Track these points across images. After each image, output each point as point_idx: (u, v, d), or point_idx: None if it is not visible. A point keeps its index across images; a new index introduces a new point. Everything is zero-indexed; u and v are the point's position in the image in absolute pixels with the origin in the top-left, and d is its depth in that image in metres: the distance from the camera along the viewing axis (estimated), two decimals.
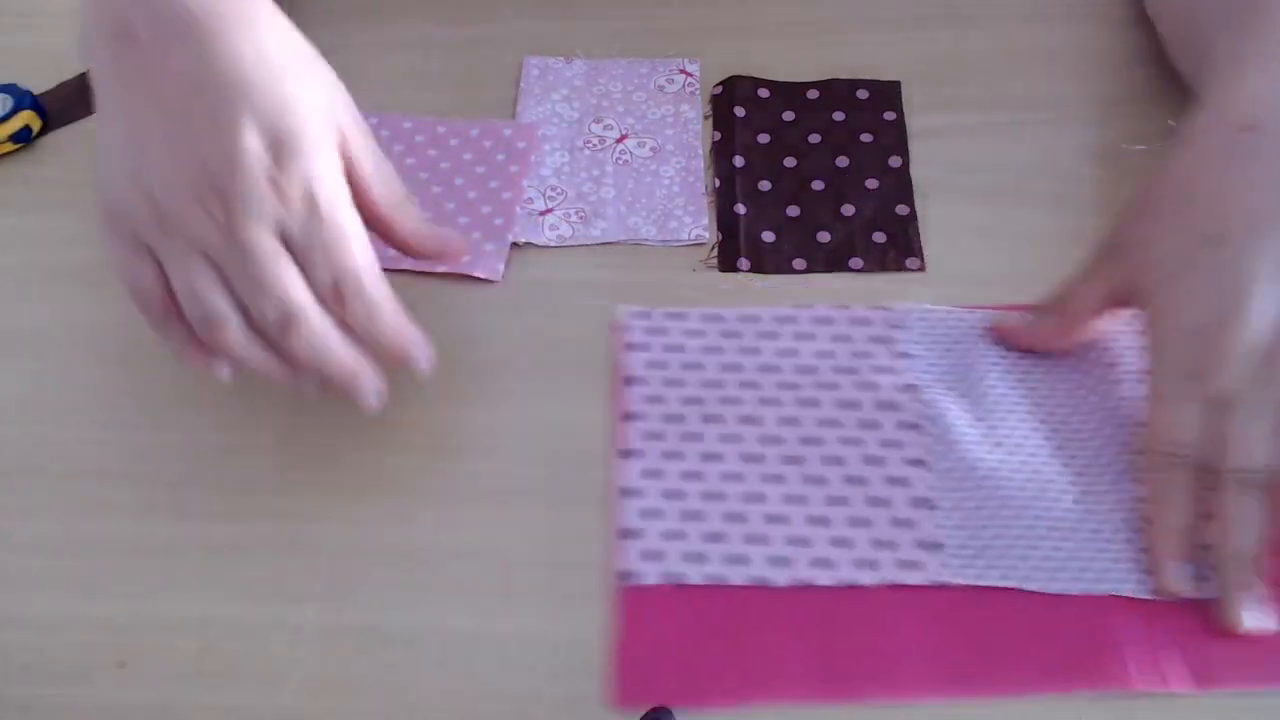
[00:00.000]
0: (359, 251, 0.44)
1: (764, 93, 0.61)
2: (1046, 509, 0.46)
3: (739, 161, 0.58)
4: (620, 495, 0.47)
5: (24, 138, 0.60)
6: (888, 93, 0.60)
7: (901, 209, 0.56)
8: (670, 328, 0.52)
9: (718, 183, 0.57)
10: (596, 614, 0.45)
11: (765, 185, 0.57)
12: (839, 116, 0.59)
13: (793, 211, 0.56)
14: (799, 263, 0.55)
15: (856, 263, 0.54)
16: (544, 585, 0.46)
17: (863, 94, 0.60)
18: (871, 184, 0.57)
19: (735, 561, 0.46)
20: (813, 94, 0.60)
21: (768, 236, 0.55)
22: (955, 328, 0.52)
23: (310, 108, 0.43)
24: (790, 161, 0.58)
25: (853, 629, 0.44)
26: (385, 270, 0.54)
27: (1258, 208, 0.44)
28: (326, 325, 0.44)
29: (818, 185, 0.57)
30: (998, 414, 0.49)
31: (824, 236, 0.55)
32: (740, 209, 0.56)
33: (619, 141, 0.59)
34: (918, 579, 0.45)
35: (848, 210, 0.56)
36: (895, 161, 0.58)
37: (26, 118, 0.60)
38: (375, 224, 0.47)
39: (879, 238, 0.55)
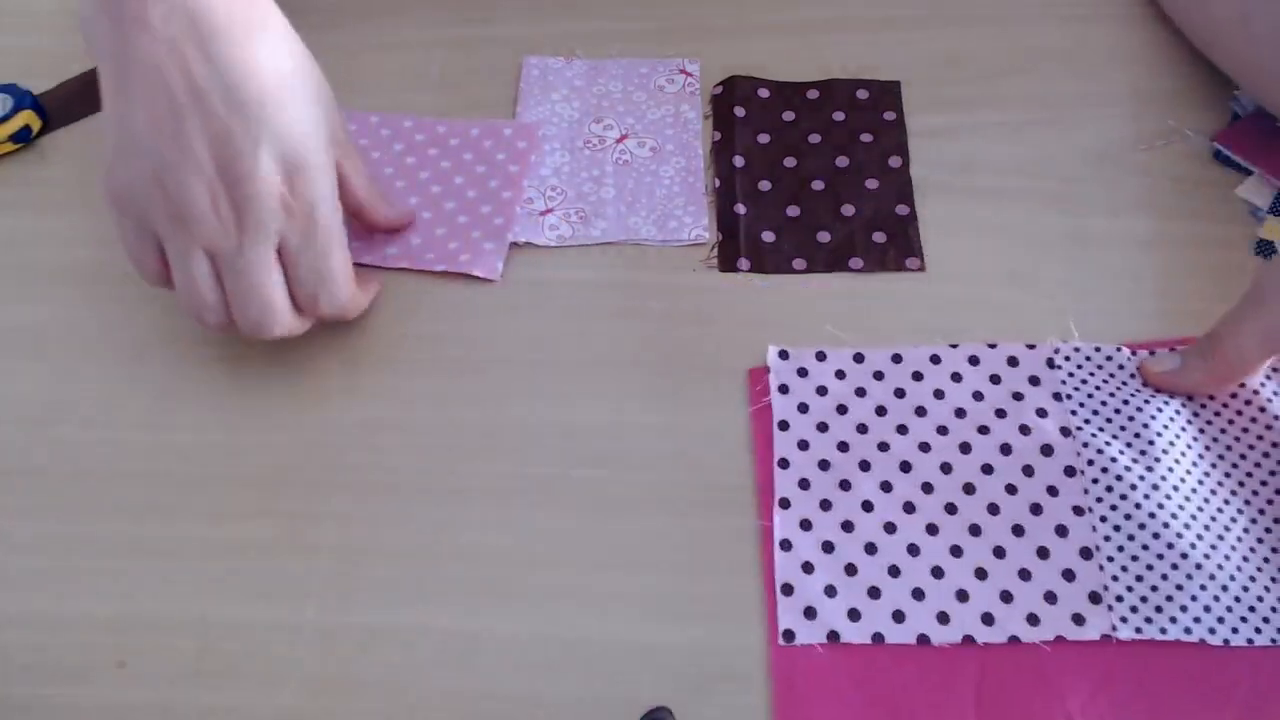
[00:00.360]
0: (340, 251, 0.48)
1: (764, 93, 0.61)
2: (1218, 555, 0.44)
3: (739, 161, 0.58)
4: (777, 549, 0.46)
5: (24, 138, 0.60)
6: (888, 93, 0.60)
7: (901, 209, 0.56)
8: (815, 368, 0.50)
9: (718, 183, 0.57)
10: (596, 614, 0.45)
11: (765, 185, 0.57)
12: (839, 116, 0.59)
13: (793, 211, 0.56)
14: (799, 263, 0.55)
15: (856, 263, 0.54)
16: (544, 585, 0.46)
17: (863, 94, 0.60)
18: (871, 184, 0.57)
19: (895, 619, 0.44)
20: (813, 94, 0.60)
21: (768, 236, 0.55)
22: (1106, 365, 0.50)
23: (316, 129, 0.47)
24: (790, 161, 0.58)
25: (1019, 691, 0.42)
26: (386, 269, 0.54)
27: None
28: (293, 325, 0.48)
29: (818, 185, 0.57)
30: (1161, 457, 0.46)
31: (824, 236, 0.55)
32: (740, 209, 0.56)
33: (619, 141, 0.59)
34: (1084, 634, 0.43)
35: (848, 210, 0.56)
36: (895, 161, 0.58)
37: (26, 118, 0.60)
38: (354, 215, 0.52)
39: (879, 238, 0.55)
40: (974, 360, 0.50)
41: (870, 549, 0.46)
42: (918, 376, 0.50)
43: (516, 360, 0.52)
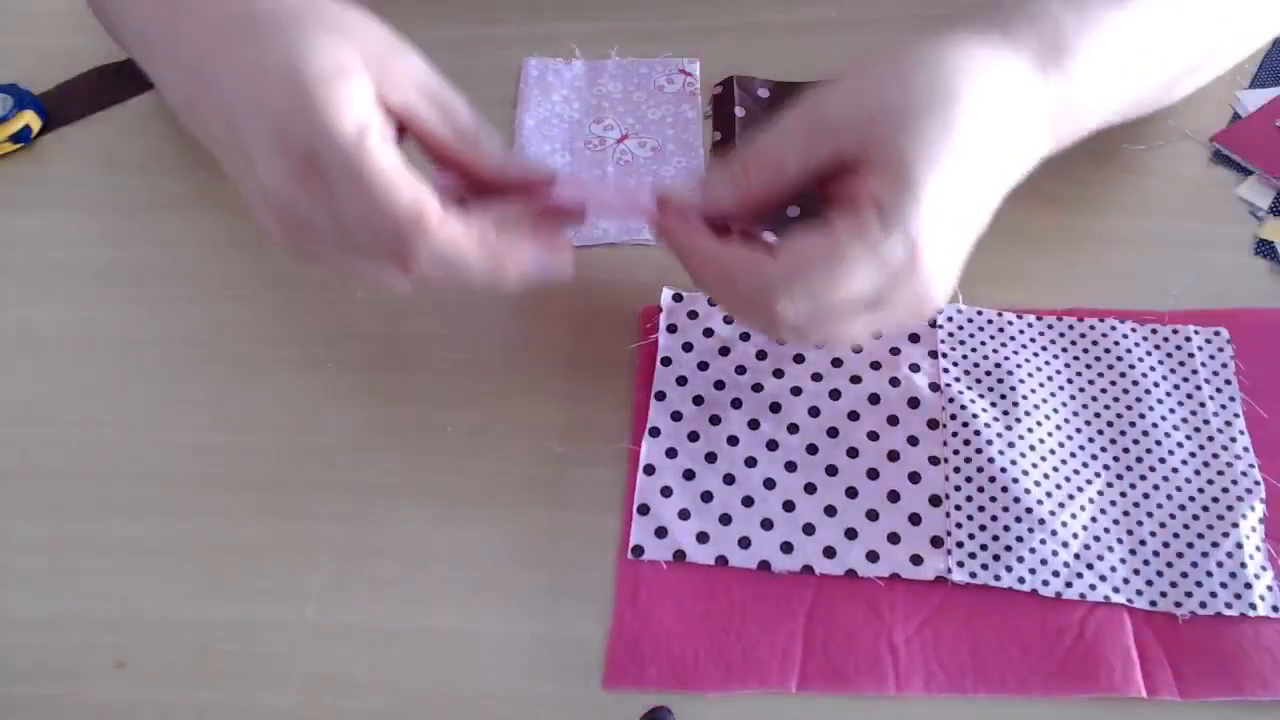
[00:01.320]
0: (399, 203, 0.40)
1: (764, 93, 0.61)
2: (1064, 514, 0.46)
3: None
4: (641, 472, 0.48)
5: (24, 138, 0.60)
6: None
7: None
8: (706, 312, 0.52)
9: None
10: (596, 613, 0.45)
11: None
12: None
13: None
14: None
15: None
16: (544, 585, 0.46)
17: None
18: None
19: (741, 545, 0.46)
20: None
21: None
22: (986, 329, 0.52)
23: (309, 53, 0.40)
24: None
25: (849, 620, 0.44)
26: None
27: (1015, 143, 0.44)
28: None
29: None
30: (1022, 417, 0.48)
31: None
32: None
33: (619, 142, 0.59)
34: (919, 574, 0.45)
35: None
36: None
37: (26, 118, 0.60)
38: (448, 165, 0.44)
39: None
40: None
41: (729, 479, 0.48)
42: None
43: (517, 360, 0.52)
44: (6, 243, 0.57)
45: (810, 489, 0.47)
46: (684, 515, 0.47)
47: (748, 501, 0.47)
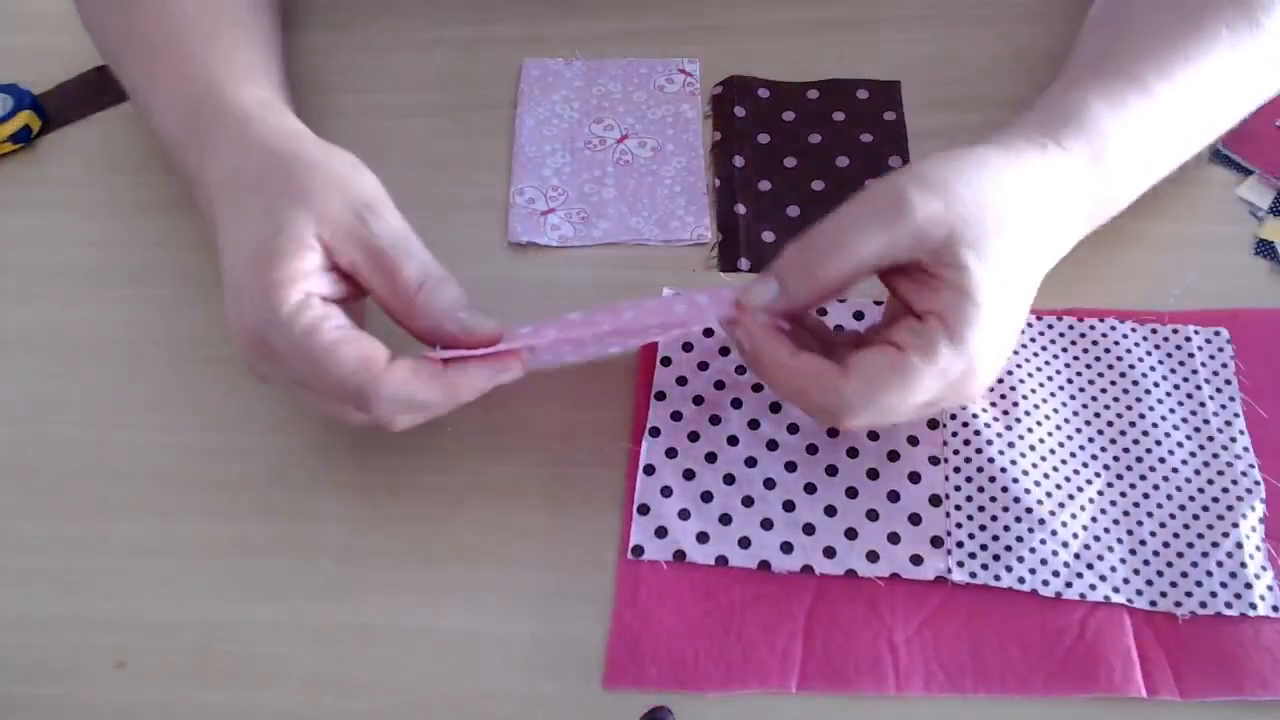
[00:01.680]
0: (345, 366, 0.42)
1: (764, 93, 0.61)
2: (1064, 514, 0.46)
3: (739, 161, 0.58)
4: (641, 472, 0.48)
5: (24, 138, 0.60)
6: (888, 93, 0.60)
7: None
8: None
9: (718, 183, 0.57)
10: (596, 613, 0.45)
11: (765, 185, 0.57)
12: (839, 116, 0.59)
13: (793, 211, 0.56)
14: None
15: None
16: (544, 585, 0.46)
17: (863, 94, 0.60)
18: (872, 184, 0.57)
19: (741, 544, 0.46)
20: (813, 94, 0.60)
21: (768, 236, 0.55)
22: None
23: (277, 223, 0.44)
24: (790, 161, 0.58)
25: (849, 620, 0.44)
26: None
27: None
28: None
29: (818, 185, 0.57)
30: (1022, 417, 0.48)
31: None
32: (740, 209, 0.56)
33: (619, 142, 0.59)
34: (919, 574, 0.45)
35: None
36: (895, 161, 0.58)
37: (26, 118, 0.60)
38: (395, 313, 0.45)
39: None
40: (859, 315, 0.53)
41: (729, 479, 0.48)
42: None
43: None
44: (6, 243, 0.57)
45: (810, 489, 0.47)
46: (684, 515, 0.47)
47: (748, 501, 0.47)
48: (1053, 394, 0.49)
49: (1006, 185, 0.44)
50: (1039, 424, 0.48)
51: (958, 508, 0.46)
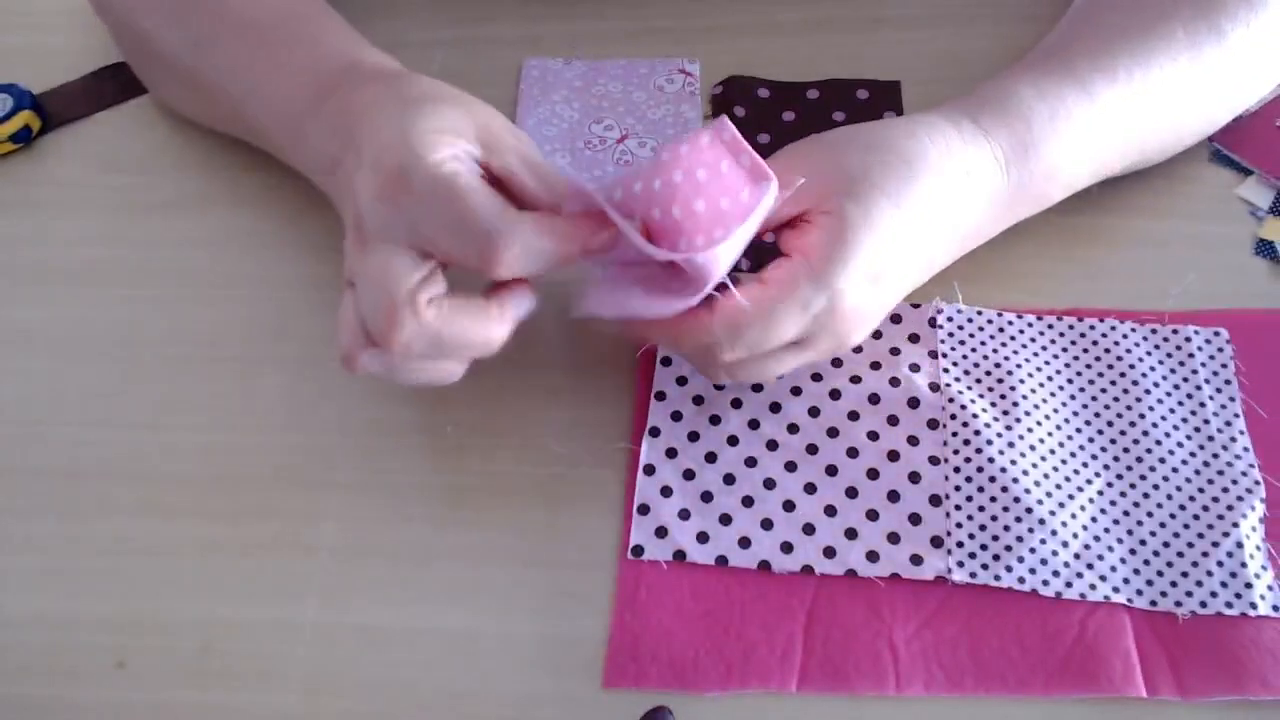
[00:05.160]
0: (481, 208, 0.42)
1: (764, 93, 0.61)
2: (1064, 513, 0.46)
3: None
4: (641, 472, 0.48)
5: (24, 138, 0.60)
6: (888, 93, 0.60)
7: None
8: None
9: None
10: (596, 613, 0.45)
11: None
12: (839, 116, 0.59)
13: None
14: None
15: None
16: (544, 585, 0.46)
17: (863, 94, 0.60)
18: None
19: (741, 544, 0.46)
20: (813, 94, 0.60)
21: (768, 236, 0.55)
22: (986, 329, 0.52)
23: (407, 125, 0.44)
24: None
25: (849, 620, 0.44)
26: None
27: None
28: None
29: None
30: (1022, 417, 0.48)
31: None
32: None
33: (619, 142, 0.59)
34: (919, 574, 0.45)
35: None
36: None
37: (26, 118, 0.60)
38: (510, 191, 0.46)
39: None
40: None
41: (729, 479, 0.48)
42: None
43: (517, 360, 0.52)
44: (6, 243, 0.57)
45: (810, 489, 0.47)
46: (684, 515, 0.47)
47: (748, 501, 0.47)
48: (1053, 394, 0.49)
49: (908, 151, 0.45)
50: (1039, 424, 0.48)
51: (958, 507, 0.46)
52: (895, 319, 0.52)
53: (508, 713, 0.43)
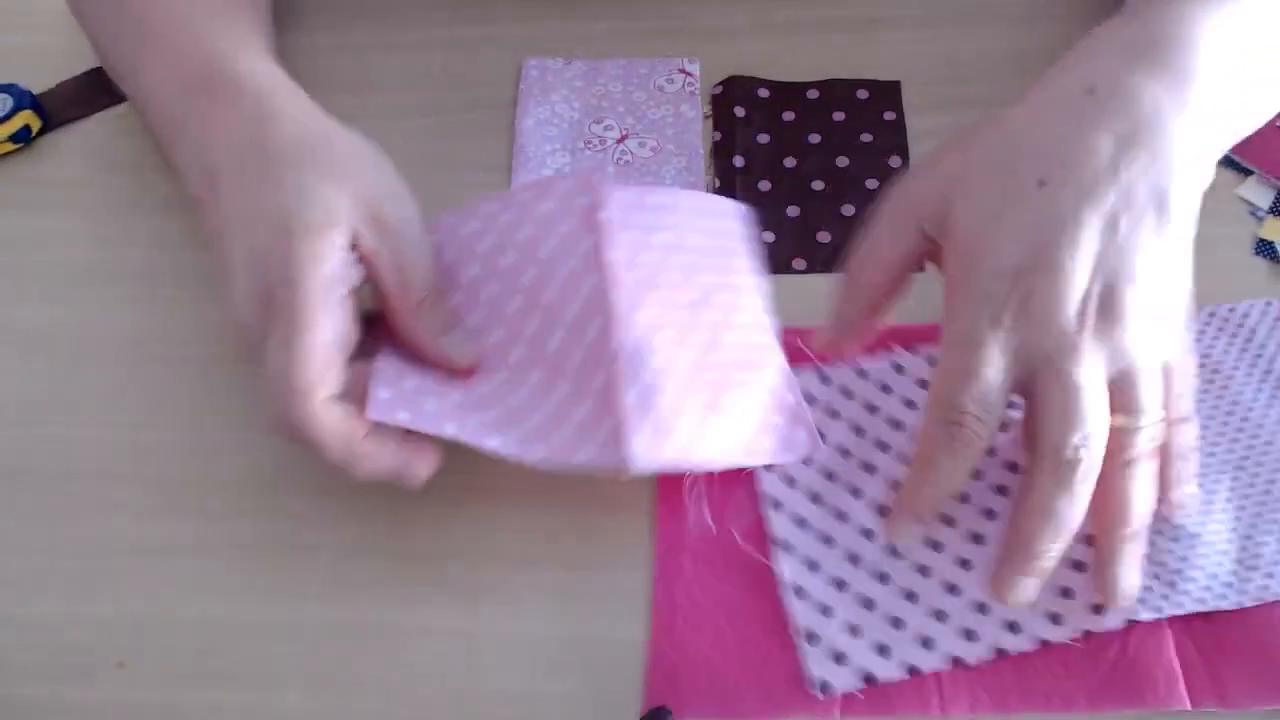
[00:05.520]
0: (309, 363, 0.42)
1: (764, 93, 0.61)
2: (1202, 525, 0.44)
3: (739, 162, 0.58)
4: (793, 596, 0.44)
5: (24, 138, 0.60)
6: (888, 93, 0.60)
7: None
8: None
9: (718, 183, 0.57)
10: (596, 612, 0.45)
11: (765, 185, 0.57)
12: (839, 116, 0.59)
13: (793, 212, 0.56)
14: (799, 263, 0.55)
15: None
16: (544, 585, 0.46)
17: (863, 94, 0.60)
18: (872, 184, 0.57)
19: (925, 645, 0.43)
20: (813, 94, 0.60)
21: (768, 237, 0.55)
22: None
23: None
24: (790, 162, 0.58)
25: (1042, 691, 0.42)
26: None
27: (1083, 160, 0.42)
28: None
29: (818, 185, 0.57)
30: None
31: (824, 237, 0.55)
32: None
33: (620, 142, 0.59)
34: (1107, 625, 0.43)
35: (848, 210, 0.56)
36: (895, 162, 0.58)
37: (26, 118, 0.60)
38: (391, 318, 0.46)
39: None
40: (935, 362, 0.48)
41: (883, 578, 0.44)
42: (886, 389, 0.49)
43: None
44: (6, 243, 0.57)
45: (965, 564, 0.44)
46: (854, 632, 0.43)
47: (910, 596, 0.44)
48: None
49: (997, 135, 0.44)
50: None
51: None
52: None
53: (508, 713, 0.43)
